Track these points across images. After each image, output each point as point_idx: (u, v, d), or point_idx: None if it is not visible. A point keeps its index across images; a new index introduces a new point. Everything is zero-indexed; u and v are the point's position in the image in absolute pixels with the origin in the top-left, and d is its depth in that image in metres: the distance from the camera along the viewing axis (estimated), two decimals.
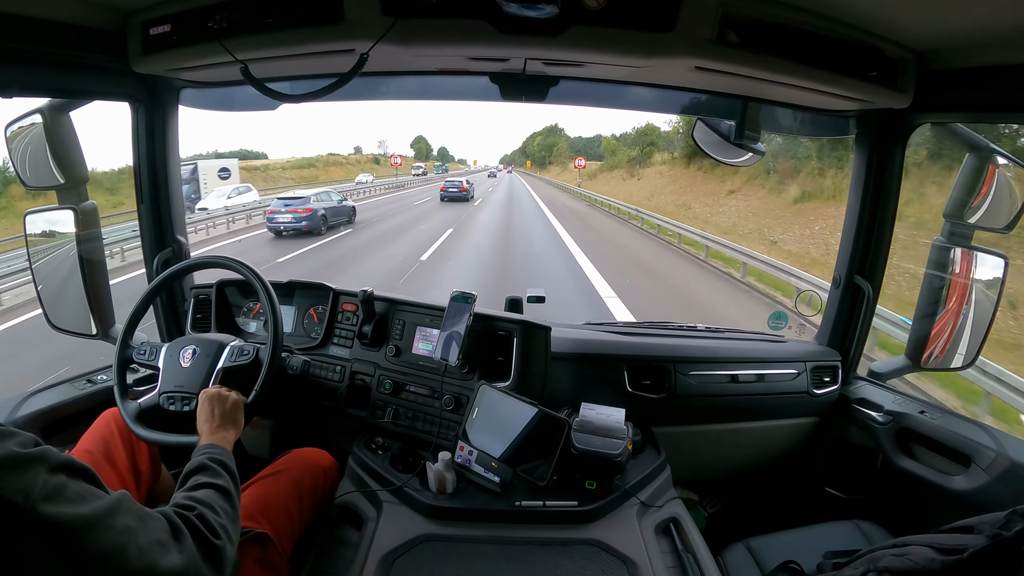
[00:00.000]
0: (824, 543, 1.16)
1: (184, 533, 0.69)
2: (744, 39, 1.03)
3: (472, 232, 13.00)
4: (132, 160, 1.47)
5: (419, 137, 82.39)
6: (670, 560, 1.06)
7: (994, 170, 1.31)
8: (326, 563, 1.04)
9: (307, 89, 1.12)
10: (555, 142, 61.68)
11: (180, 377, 1.17)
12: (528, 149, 70.80)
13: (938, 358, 1.44)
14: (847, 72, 1.11)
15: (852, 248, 1.48)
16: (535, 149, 65.64)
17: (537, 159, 65.60)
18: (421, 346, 1.39)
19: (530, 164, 67.03)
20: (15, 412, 1.25)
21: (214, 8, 1.06)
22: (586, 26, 0.99)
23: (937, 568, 0.74)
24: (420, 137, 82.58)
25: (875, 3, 0.99)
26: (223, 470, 0.88)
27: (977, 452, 1.21)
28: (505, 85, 1.32)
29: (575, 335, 1.55)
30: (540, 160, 64.61)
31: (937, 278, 1.40)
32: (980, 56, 1.06)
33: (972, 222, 1.35)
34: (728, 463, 1.66)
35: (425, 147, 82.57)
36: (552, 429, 1.15)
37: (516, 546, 1.05)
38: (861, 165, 1.43)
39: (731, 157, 1.49)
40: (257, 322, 1.56)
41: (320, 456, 1.25)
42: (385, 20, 0.98)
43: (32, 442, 0.59)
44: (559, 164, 59.50)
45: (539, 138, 65.46)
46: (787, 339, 1.69)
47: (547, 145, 62.88)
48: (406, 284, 7.38)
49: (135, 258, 7.96)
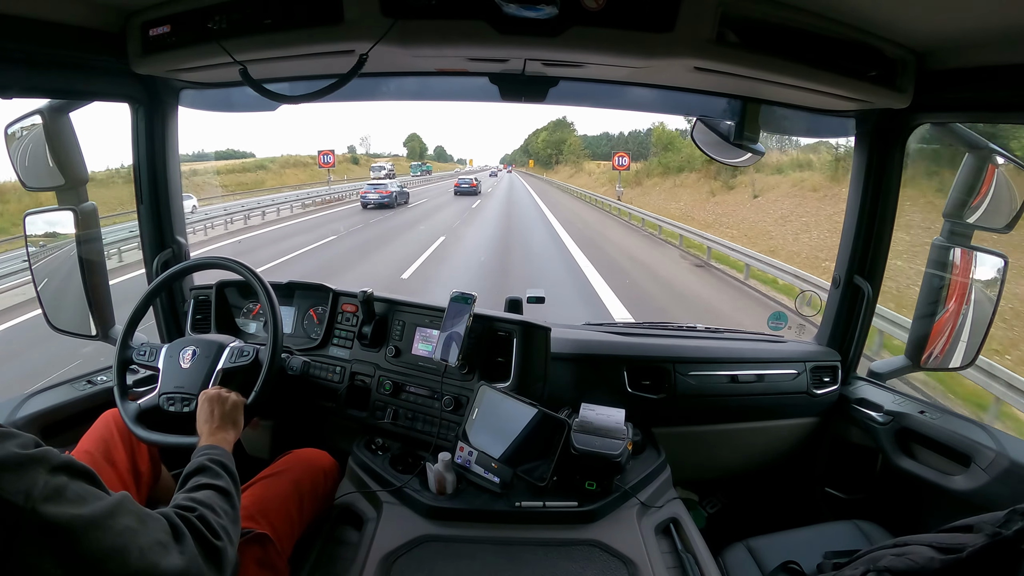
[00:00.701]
0: (824, 543, 1.16)
1: (185, 534, 0.69)
2: (743, 39, 1.03)
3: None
4: (132, 161, 1.47)
5: (412, 135, 76.51)
6: (670, 560, 1.06)
7: (993, 170, 1.31)
8: (326, 563, 1.04)
9: (306, 90, 1.12)
10: (564, 138, 51.30)
11: (180, 378, 1.17)
12: (531, 147, 62.42)
13: (938, 358, 1.44)
14: (847, 72, 1.11)
15: (852, 248, 1.48)
16: (539, 147, 56.87)
17: (542, 158, 56.14)
18: (421, 347, 1.39)
19: (533, 164, 59.03)
20: (15, 413, 1.25)
21: (214, 9, 1.06)
22: (585, 27, 0.99)
23: (937, 567, 0.74)
24: (413, 135, 76.63)
25: (875, 3, 0.99)
26: (223, 471, 0.88)
27: (977, 452, 1.21)
28: (504, 86, 1.32)
29: (575, 335, 1.55)
30: (545, 159, 55.31)
31: (937, 278, 1.41)
32: (980, 56, 1.06)
33: (972, 222, 1.35)
34: (728, 463, 1.66)
35: (419, 146, 76.52)
36: (552, 429, 1.15)
37: (516, 546, 1.05)
38: (861, 165, 1.43)
39: (731, 157, 1.49)
40: (257, 323, 1.56)
41: (320, 457, 1.25)
42: (384, 21, 0.98)
43: (32, 443, 0.59)
44: (570, 164, 46.99)
45: (544, 134, 56.00)
46: (787, 339, 1.69)
47: (553, 142, 52.52)
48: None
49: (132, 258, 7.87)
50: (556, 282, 7.49)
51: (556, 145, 51.63)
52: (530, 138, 64.80)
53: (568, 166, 46.86)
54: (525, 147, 67.01)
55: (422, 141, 78.14)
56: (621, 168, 22.12)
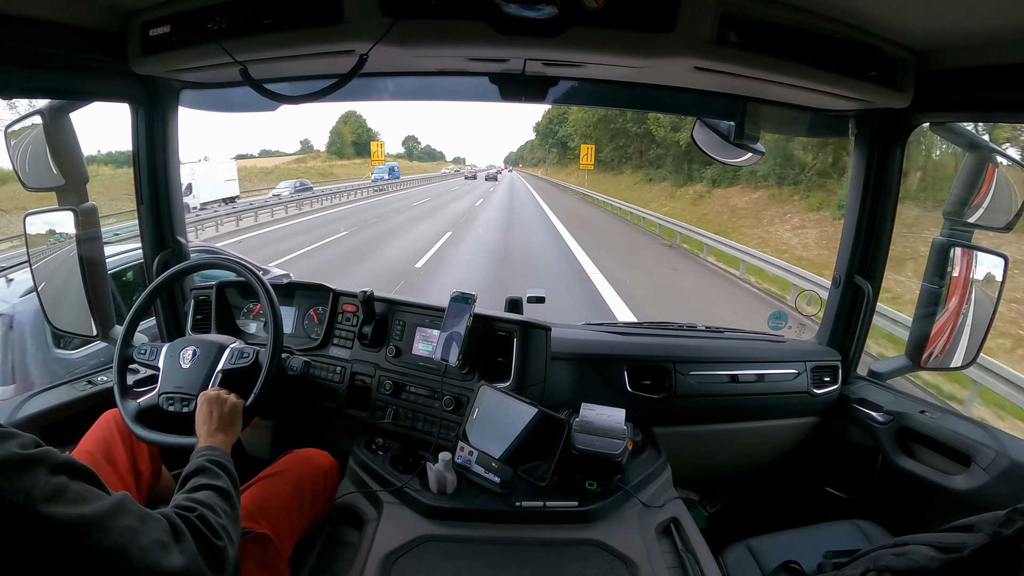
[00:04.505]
0: (824, 543, 1.17)
1: (185, 534, 0.69)
2: (743, 39, 1.03)
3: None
4: (132, 161, 1.47)
5: (409, 137, 72.43)
6: (670, 560, 1.06)
7: (994, 169, 1.31)
8: (326, 563, 1.04)
9: (307, 90, 1.12)
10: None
11: (180, 378, 1.17)
12: (543, 141, 39.83)
13: (938, 358, 1.44)
14: (847, 72, 1.11)
15: (852, 248, 1.48)
16: (571, 133, 31.77)
17: (560, 155, 35.07)
18: (421, 347, 1.39)
19: (544, 168, 38.72)
20: (15, 413, 1.25)
21: (214, 9, 1.06)
22: (585, 26, 0.99)
23: (937, 567, 0.74)
24: (410, 136, 72.27)
25: (875, 3, 0.99)
26: (222, 471, 0.88)
27: (977, 451, 1.21)
28: (504, 85, 1.32)
29: (575, 335, 1.55)
30: (559, 155, 34.97)
31: (937, 278, 1.41)
32: (980, 56, 1.06)
33: (972, 221, 1.35)
34: (728, 463, 1.66)
35: (410, 144, 70.74)
36: (552, 429, 1.15)
37: (516, 546, 1.05)
38: (861, 165, 1.43)
39: (731, 157, 1.49)
40: (257, 323, 1.56)
41: (320, 457, 1.25)
42: (385, 21, 0.98)
43: (33, 443, 0.60)
44: (647, 167, 21.34)
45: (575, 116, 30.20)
46: (787, 339, 1.69)
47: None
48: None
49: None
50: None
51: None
52: (539, 128, 42.35)
53: (635, 172, 22.96)
54: (543, 136, 40.97)
55: (416, 139, 72.80)
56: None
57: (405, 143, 72.39)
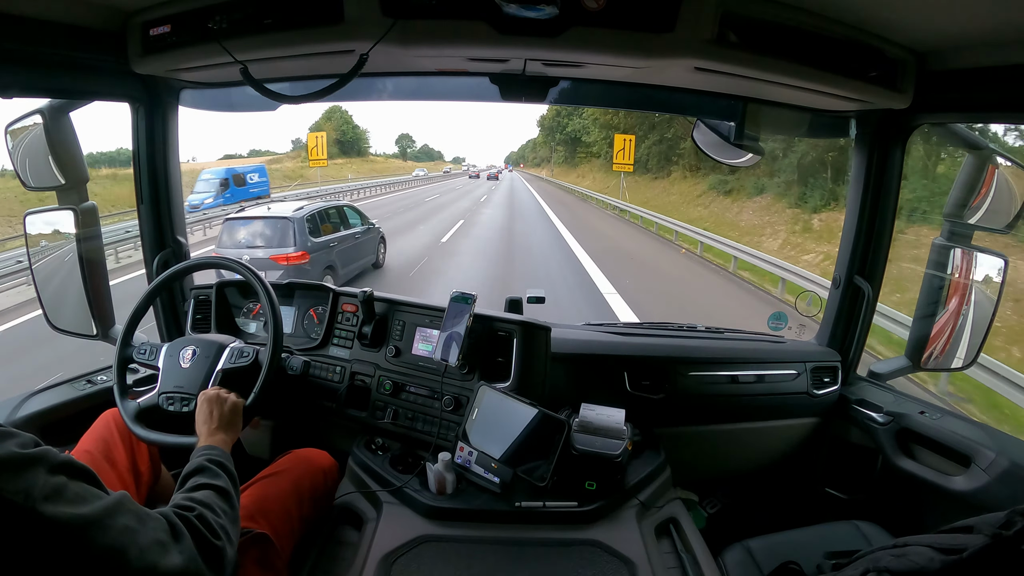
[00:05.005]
0: (824, 543, 1.16)
1: (184, 534, 0.69)
2: (744, 40, 1.03)
3: None
4: (132, 161, 1.47)
5: (403, 135, 68.52)
6: (670, 561, 1.06)
7: (994, 170, 1.31)
8: (326, 563, 1.04)
9: (307, 90, 1.13)
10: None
11: (180, 378, 1.17)
12: (549, 137, 36.48)
13: (938, 358, 1.44)
14: (847, 73, 1.11)
15: (852, 248, 1.48)
16: (575, 132, 29.39)
17: (568, 153, 31.88)
18: (421, 347, 1.39)
19: (548, 168, 36.01)
20: (15, 413, 1.25)
21: (214, 9, 1.06)
22: (586, 27, 0.99)
23: (937, 568, 0.73)
24: (404, 135, 67.77)
25: (875, 4, 0.99)
26: (221, 471, 0.88)
27: (977, 452, 1.21)
28: (505, 86, 1.32)
29: (575, 336, 1.55)
30: (567, 154, 31.79)
31: (937, 278, 1.41)
32: (980, 56, 1.06)
33: (972, 222, 1.35)
34: (728, 463, 1.66)
35: (403, 142, 66.87)
36: (552, 430, 1.15)
37: (516, 547, 1.05)
38: (861, 166, 1.43)
39: (731, 158, 1.49)
40: (257, 323, 1.56)
41: (320, 457, 1.25)
42: (385, 21, 0.98)
43: (32, 443, 0.60)
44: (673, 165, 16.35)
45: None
46: (787, 339, 1.69)
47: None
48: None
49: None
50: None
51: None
52: (543, 123, 38.55)
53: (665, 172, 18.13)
54: (549, 134, 36.44)
55: (410, 137, 68.13)
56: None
57: (398, 141, 69.48)
